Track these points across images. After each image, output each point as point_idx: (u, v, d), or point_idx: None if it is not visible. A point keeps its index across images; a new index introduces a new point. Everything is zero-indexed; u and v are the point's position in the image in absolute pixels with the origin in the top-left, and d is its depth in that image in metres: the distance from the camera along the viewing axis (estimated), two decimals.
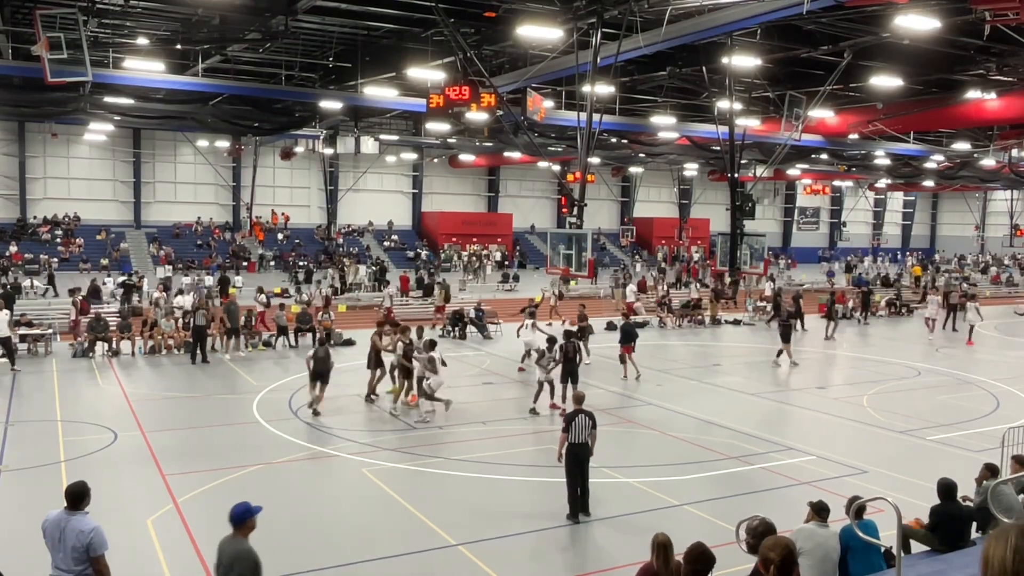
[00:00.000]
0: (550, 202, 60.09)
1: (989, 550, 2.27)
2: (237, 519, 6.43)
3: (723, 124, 28.64)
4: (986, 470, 9.04)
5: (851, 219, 69.60)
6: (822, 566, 7.06)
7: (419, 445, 13.90)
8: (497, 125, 31.29)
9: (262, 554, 6.47)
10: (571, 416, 10.65)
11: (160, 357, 22.34)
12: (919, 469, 12.30)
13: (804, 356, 25.28)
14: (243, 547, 6.36)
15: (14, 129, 43.82)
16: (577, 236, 22.14)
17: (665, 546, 6.41)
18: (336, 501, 11.40)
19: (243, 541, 6.40)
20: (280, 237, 50.15)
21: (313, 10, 21.27)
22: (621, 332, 20.44)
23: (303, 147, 44.79)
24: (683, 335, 28.78)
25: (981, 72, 24.80)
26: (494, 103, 20.85)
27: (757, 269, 32.07)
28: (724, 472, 12.55)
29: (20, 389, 17.94)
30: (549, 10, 19.58)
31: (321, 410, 15.68)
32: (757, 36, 21.96)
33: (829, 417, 16.59)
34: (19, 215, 44.37)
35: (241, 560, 6.31)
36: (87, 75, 19.01)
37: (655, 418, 16.30)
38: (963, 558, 7.80)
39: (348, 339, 24.82)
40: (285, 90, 29.09)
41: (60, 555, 6.32)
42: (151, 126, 42.52)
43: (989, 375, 21.22)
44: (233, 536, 6.45)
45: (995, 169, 43.25)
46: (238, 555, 6.34)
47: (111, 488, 10.97)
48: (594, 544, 9.95)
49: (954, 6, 17.55)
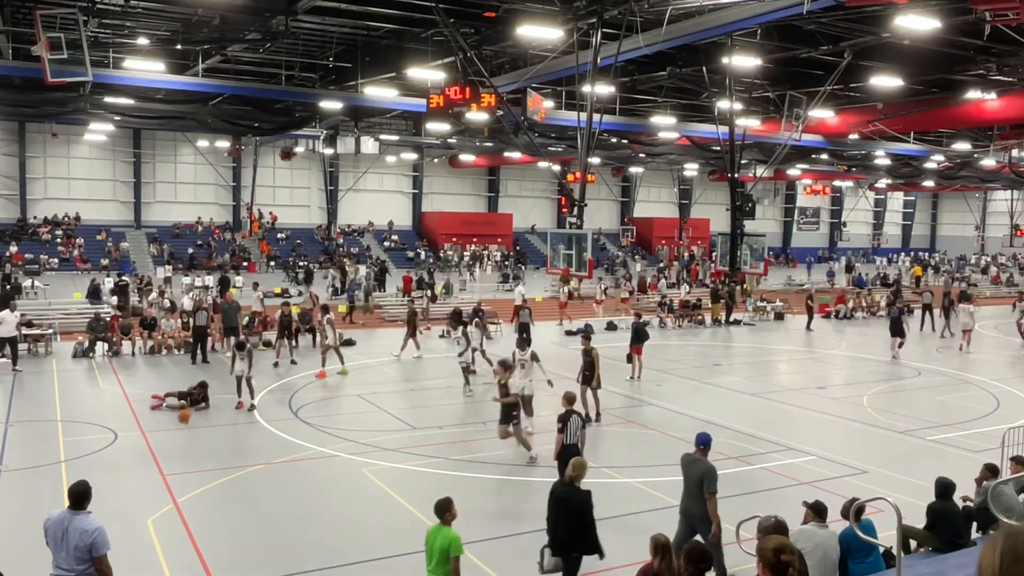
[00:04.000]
0: (550, 202, 60.09)
1: (982, 557, 2.32)
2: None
3: (723, 124, 28.64)
4: (986, 470, 9.06)
5: (851, 219, 69.62)
6: (822, 567, 7.06)
7: (419, 445, 13.90)
8: (497, 125, 31.29)
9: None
10: (565, 417, 10.70)
11: (160, 357, 22.34)
12: (919, 469, 12.30)
13: (803, 356, 25.30)
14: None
15: (14, 129, 43.84)
16: (577, 236, 22.14)
17: (665, 546, 6.41)
18: (336, 501, 11.40)
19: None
20: (280, 237, 50.16)
21: (313, 10, 21.27)
22: (632, 332, 20.38)
23: (303, 147, 44.79)
24: (683, 335, 28.78)
25: (981, 72, 24.79)
26: (494, 103, 20.84)
27: (757, 269, 32.07)
28: (724, 472, 12.46)
29: (20, 389, 17.94)
30: (549, 10, 19.58)
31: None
32: (757, 36, 21.96)
33: (829, 417, 16.59)
34: (19, 215, 44.40)
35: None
36: (87, 75, 19.01)
37: (655, 418, 16.31)
38: (962, 558, 7.80)
39: (348, 339, 24.82)
40: (285, 90, 29.10)
41: (62, 555, 6.32)
42: (151, 126, 42.54)
43: (989, 375, 21.22)
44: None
45: (995, 169, 43.24)
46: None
47: (111, 488, 10.96)
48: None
49: (954, 6, 17.55)
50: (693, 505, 8.28)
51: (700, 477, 8.16)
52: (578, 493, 7.74)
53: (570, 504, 7.68)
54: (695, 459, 8.44)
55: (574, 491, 7.76)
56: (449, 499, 7.18)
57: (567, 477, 7.92)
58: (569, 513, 7.66)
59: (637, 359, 19.94)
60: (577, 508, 7.65)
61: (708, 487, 8.08)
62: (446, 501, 7.13)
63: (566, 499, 7.74)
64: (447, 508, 7.07)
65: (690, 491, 8.33)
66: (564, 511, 7.69)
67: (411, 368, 21.40)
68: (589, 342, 16.07)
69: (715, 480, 8.15)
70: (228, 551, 9.57)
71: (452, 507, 7.09)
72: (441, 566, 6.84)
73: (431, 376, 20.13)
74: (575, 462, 8.02)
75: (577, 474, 7.87)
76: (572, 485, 7.80)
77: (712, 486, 8.09)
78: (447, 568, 6.81)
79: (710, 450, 8.54)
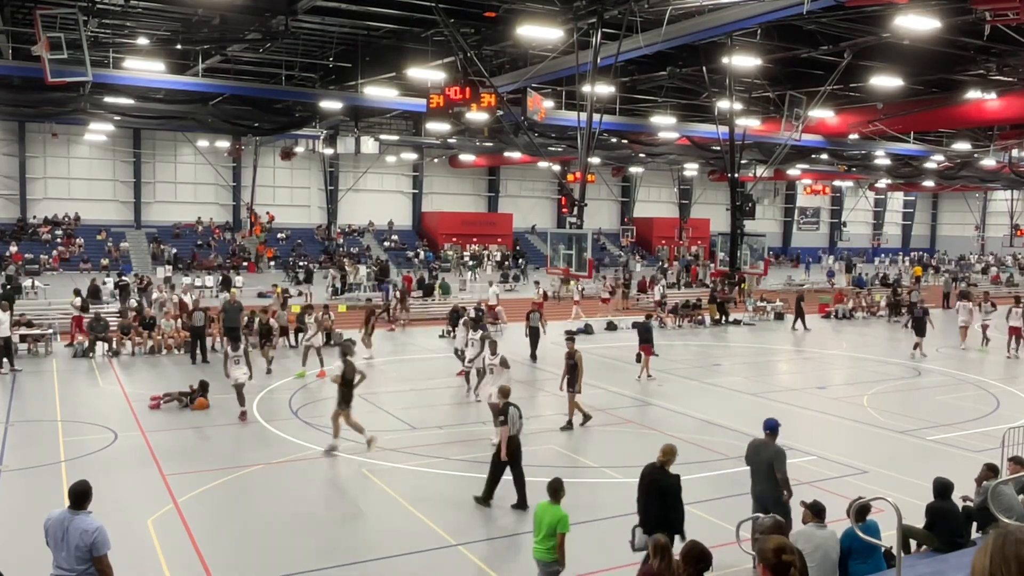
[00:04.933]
0: (550, 202, 60.07)
1: (974, 558, 2.36)
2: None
3: (723, 124, 28.65)
4: (987, 470, 9.06)
5: (851, 219, 69.59)
6: (822, 567, 7.06)
7: (419, 445, 13.89)
8: (497, 125, 31.28)
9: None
10: (503, 410, 10.96)
11: (160, 357, 22.34)
12: (919, 469, 12.28)
13: (803, 356, 25.31)
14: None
15: (14, 129, 43.81)
16: (577, 236, 22.15)
17: (665, 547, 6.42)
18: (336, 501, 11.40)
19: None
20: (280, 237, 50.14)
21: (313, 10, 21.27)
22: (639, 332, 20.30)
23: (303, 147, 44.77)
24: (683, 335, 28.78)
25: (981, 72, 24.79)
26: (494, 103, 20.84)
27: (757, 269, 32.10)
28: (724, 472, 12.54)
29: (20, 389, 17.94)
30: (549, 10, 19.58)
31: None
32: (757, 36, 21.96)
33: (829, 417, 16.59)
34: (19, 215, 44.38)
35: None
36: (87, 75, 19.00)
37: (655, 418, 16.30)
38: (962, 558, 7.80)
39: (348, 339, 24.82)
40: (285, 90, 29.09)
41: (63, 554, 6.32)
42: (151, 126, 42.51)
43: (989, 375, 21.22)
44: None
45: (995, 169, 43.24)
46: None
47: (111, 488, 10.96)
48: (594, 544, 9.94)
49: (954, 6, 17.56)
50: (765, 488, 8.89)
51: (770, 460, 8.80)
52: (668, 476, 8.36)
53: (661, 486, 8.29)
54: (763, 443, 9.05)
55: (664, 474, 8.37)
56: (560, 480, 7.91)
57: (658, 461, 8.44)
58: (660, 494, 8.26)
59: (645, 359, 19.84)
60: (669, 490, 8.27)
61: (779, 469, 8.72)
62: (558, 482, 7.88)
63: (657, 481, 8.34)
64: (559, 488, 7.83)
65: (760, 474, 8.96)
66: (655, 492, 8.28)
67: (411, 368, 21.39)
68: (573, 344, 15.78)
69: (784, 462, 8.82)
70: (228, 551, 9.57)
71: (563, 488, 7.84)
72: (547, 540, 7.62)
73: (431, 376, 20.12)
74: (665, 448, 8.51)
75: (667, 459, 8.40)
76: (663, 469, 8.39)
77: (782, 468, 8.74)
78: (552, 542, 7.58)
79: (777, 435, 9.14)
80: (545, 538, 7.60)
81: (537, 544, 7.71)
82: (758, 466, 8.96)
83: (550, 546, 7.57)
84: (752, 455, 9.10)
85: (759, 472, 8.95)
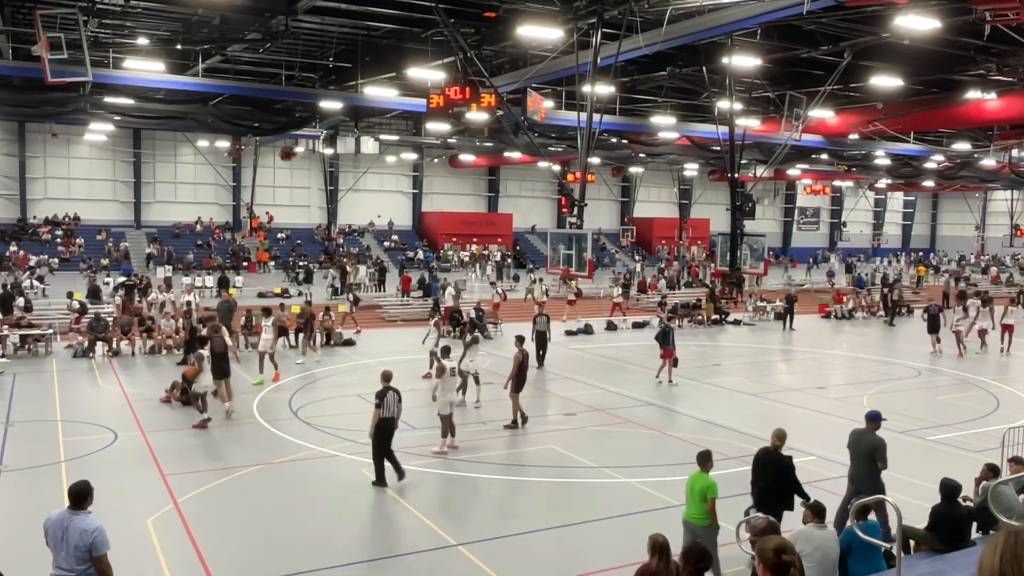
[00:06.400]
0: (550, 202, 60.08)
1: (983, 556, 2.35)
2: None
3: (723, 124, 28.61)
4: (987, 470, 9.05)
5: (851, 219, 69.58)
6: (822, 567, 7.06)
7: (419, 445, 13.89)
8: (497, 125, 31.28)
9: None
10: (382, 393, 11.64)
11: (160, 357, 22.34)
12: (919, 469, 12.29)
13: (803, 356, 25.32)
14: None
15: (14, 129, 43.83)
16: (577, 236, 22.14)
17: (664, 546, 6.42)
18: (336, 501, 11.40)
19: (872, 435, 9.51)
20: (280, 237, 50.14)
21: (313, 10, 21.26)
22: (658, 340, 19.98)
23: (303, 147, 44.77)
24: (683, 335, 28.73)
25: (981, 72, 24.77)
26: (494, 103, 20.83)
27: (757, 269, 32.06)
28: (724, 472, 12.50)
29: (20, 389, 17.94)
30: (549, 10, 19.58)
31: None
32: (757, 36, 21.95)
33: (829, 417, 16.58)
34: (19, 215, 44.39)
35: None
36: (87, 75, 19.01)
37: (655, 418, 16.31)
38: (963, 558, 7.80)
39: (348, 339, 24.85)
40: (285, 90, 29.09)
41: (62, 554, 6.32)
42: (151, 126, 42.52)
43: (989, 375, 21.22)
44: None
45: (995, 169, 43.23)
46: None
47: (111, 488, 10.94)
48: (594, 544, 9.95)
49: (954, 6, 17.55)
50: (860, 471, 9.51)
51: (871, 447, 9.44)
52: (781, 458, 9.02)
53: (775, 468, 8.94)
54: (865, 431, 9.67)
55: (777, 456, 9.04)
56: (709, 451, 8.64)
57: (772, 445, 9.12)
58: (775, 475, 8.92)
59: (666, 362, 19.53)
60: (783, 471, 8.92)
61: (880, 458, 9.36)
62: (708, 452, 8.59)
63: (771, 463, 9.02)
64: (708, 458, 8.51)
65: (859, 459, 9.56)
66: (770, 474, 8.96)
67: (411, 368, 21.37)
68: (522, 344, 15.69)
69: (885, 451, 9.44)
70: (228, 551, 9.56)
71: (711, 458, 8.54)
72: (698, 505, 8.27)
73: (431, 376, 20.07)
74: (777, 432, 9.16)
75: (780, 442, 9.08)
76: (776, 452, 9.04)
77: (882, 456, 9.39)
78: (703, 507, 8.22)
79: (879, 425, 9.72)
80: (696, 504, 8.30)
81: (689, 508, 8.43)
82: (857, 451, 9.62)
83: (702, 509, 8.23)
84: (853, 441, 9.75)
85: (858, 457, 9.60)
